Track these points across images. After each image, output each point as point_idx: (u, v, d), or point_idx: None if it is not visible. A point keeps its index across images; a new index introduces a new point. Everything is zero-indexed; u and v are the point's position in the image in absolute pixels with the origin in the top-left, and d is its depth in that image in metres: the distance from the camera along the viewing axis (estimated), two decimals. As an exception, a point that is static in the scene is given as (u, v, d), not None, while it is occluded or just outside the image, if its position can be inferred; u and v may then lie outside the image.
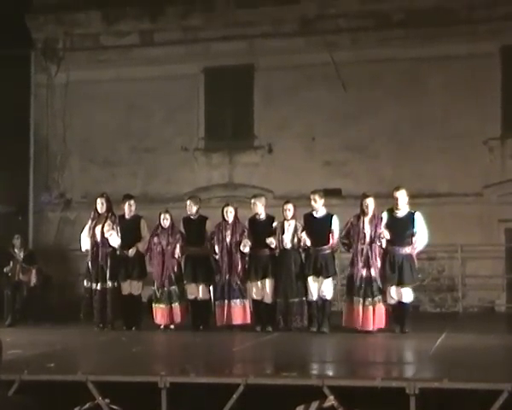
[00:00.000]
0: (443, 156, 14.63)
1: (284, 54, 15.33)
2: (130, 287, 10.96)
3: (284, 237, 10.32)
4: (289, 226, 10.36)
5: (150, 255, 10.94)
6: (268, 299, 10.43)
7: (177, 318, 10.90)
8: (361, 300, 9.92)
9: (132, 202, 11.18)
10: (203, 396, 6.85)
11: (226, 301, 10.58)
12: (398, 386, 6.23)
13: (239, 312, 10.60)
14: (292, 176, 14.90)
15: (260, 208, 10.69)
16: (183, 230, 10.96)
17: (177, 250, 10.78)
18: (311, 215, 10.42)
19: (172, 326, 10.90)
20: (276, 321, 10.37)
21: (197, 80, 16.11)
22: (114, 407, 6.68)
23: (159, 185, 15.79)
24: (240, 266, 10.61)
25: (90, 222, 11.04)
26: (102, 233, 10.81)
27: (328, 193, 12.05)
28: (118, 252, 10.92)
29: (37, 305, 13.06)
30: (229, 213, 10.76)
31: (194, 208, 11.02)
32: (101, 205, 10.98)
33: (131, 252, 10.88)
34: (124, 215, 11.16)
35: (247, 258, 10.66)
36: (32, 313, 12.58)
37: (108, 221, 10.83)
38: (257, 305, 10.56)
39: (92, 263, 10.89)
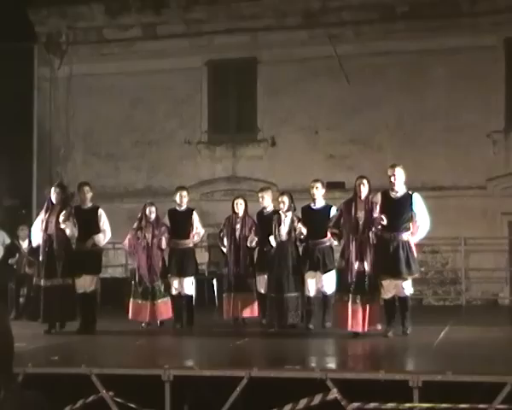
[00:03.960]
0: (446, 149, 14.62)
1: (287, 47, 15.32)
2: (85, 283, 9.92)
3: (281, 228, 9.92)
4: (286, 218, 9.94)
5: (134, 250, 10.36)
6: None
7: (161, 315, 10.32)
8: (352, 297, 8.70)
9: (88, 188, 10.19)
10: (206, 389, 6.85)
11: (233, 294, 10.43)
12: (402, 379, 6.22)
13: (246, 305, 10.46)
14: (295, 169, 14.89)
15: (267, 201, 10.45)
16: (168, 222, 10.49)
17: (163, 242, 10.23)
18: (310, 207, 9.93)
19: (145, 324, 10.30)
20: (270, 317, 9.96)
21: (200, 73, 16.11)
22: (118, 399, 6.69)
23: (162, 179, 15.78)
24: (248, 260, 10.46)
25: (43, 214, 9.92)
26: (57, 225, 9.69)
27: (331, 186, 12.02)
28: (74, 245, 9.87)
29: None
30: (240, 206, 10.54)
31: (186, 200, 10.57)
32: (55, 195, 9.85)
33: (88, 244, 9.87)
34: (80, 206, 10.16)
35: (255, 251, 10.46)
36: (37, 307, 12.55)
37: (64, 211, 9.71)
38: (264, 298, 10.30)
39: (45, 258, 9.71)
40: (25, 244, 12.60)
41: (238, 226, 10.50)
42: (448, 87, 14.68)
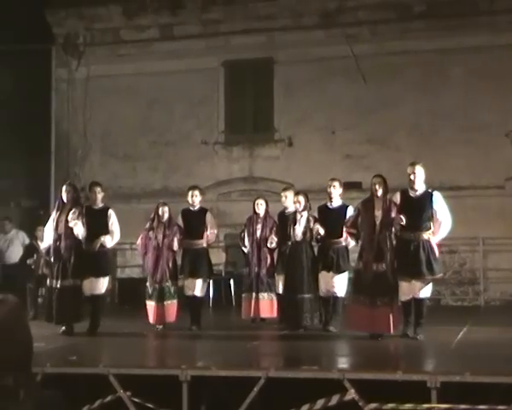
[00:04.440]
0: (464, 149, 14.53)
1: (304, 47, 15.30)
2: (92, 286, 9.69)
3: (296, 228, 9.79)
4: (301, 218, 9.81)
5: (145, 250, 10.17)
6: None
7: (170, 317, 10.07)
8: (370, 299, 8.50)
9: (99, 189, 10.01)
10: (224, 389, 6.85)
11: (254, 294, 10.39)
12: (420, 380, 6.20)
13: (267, 305, 10.44)
14: (312, 169, 14.86)
15: (290, 201, 10.24)
16: (181, 222, 10.29)
17: (175, 243, 10.05)
18: (326, 206, 9.81)
19: (160, 326, 10.07)
20: (285, 317, 9.87)
21: (217, 74, 16.13)
22: (136, 399, 6.71)
23: (179, 179, 15.79)
24: (269, 260, 10.41)
25: (54, 213, 9.77)
26: (67, 224, 9.51)
27: (348, 186, 11.97)
28: (83, 246, 9.64)
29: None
30: (260, 206, 10.53)
31: (198, 199, 10.37)
32: (66, 194, 9.65)
33: (95, 245, 9.67)
34: (91, 206, 9.98)
35: (275, 252, 10.39)
36: (50, 308, 12.57)
37: (73, 210, 9.53)
38: (282, 299, 10.16)
39: (55, 258, 9.57)
40: (43, 245, 12.64)
41: (259, 226, 10.48)
42: (466, 86, 14.60)
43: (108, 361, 7.50)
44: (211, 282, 11.70)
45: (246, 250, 10.67)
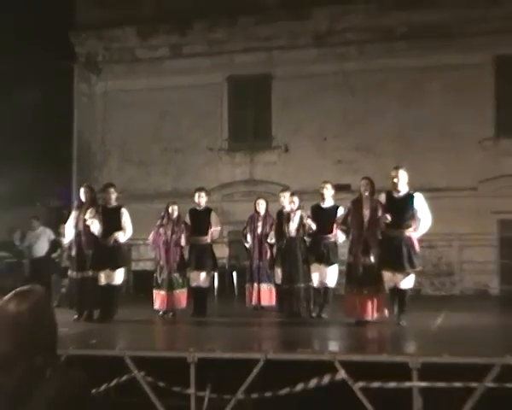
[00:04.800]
0: (441, 155, 14.54)
1: (299, 64, 15.31)
2: (108, 277, 9.56)
3: (290, 225, 9.76)
4: (295, 216, 9.78)
5: (155, 245, 10.18)
6: None
7: (178, 304, 10.06)
8: (359, 289, 8.58)
9: (113, 189, 9.90)
10: (227, 370, 6.84)
11: (256, 285, 10.44)
12: (402, 361, 6.19)
13: (267, 294, 10.47)
14: (306, 173, 14.86)
15: (287, 201, 10.11)
16: (188, 220, 10.28)
17: (183, 239, 10.07)
18: (319, 206, 9.80)
19: (170, 314, 10.07)
20: (282, 306, 9.86)
21: (221, 88, 16.13)
22: (149, 378, 6.70)
23: (187, 182, 15.77)
24: (269, 254, 10.44)
25: (74, 212, 9.83)
26: (85, 222, 9.55)
27: (339, 188, 11.96)
28: (100, 241, 9.60)
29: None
30: (261, 206, 10.58)
31: (204, 200, 10.41)
32: (84, 194, 9.75)
33: (109, 240, 9.56)
34: (106, 205, 9.88)
35: (274, 246, 10.33)
36: (72, 297, 12.57)
37: (90, 209, 9.57)
38: (280, 289, 10.13)
39: (76, 252, 9.62)
40: (65, 240, 12.65)
41: (260, 224, 10.52)
42: (443, 100, 14.61)
43: (124, 345, 7.48)
44: (215, 274, 11.68)
45: (248, 245, 10.69)
